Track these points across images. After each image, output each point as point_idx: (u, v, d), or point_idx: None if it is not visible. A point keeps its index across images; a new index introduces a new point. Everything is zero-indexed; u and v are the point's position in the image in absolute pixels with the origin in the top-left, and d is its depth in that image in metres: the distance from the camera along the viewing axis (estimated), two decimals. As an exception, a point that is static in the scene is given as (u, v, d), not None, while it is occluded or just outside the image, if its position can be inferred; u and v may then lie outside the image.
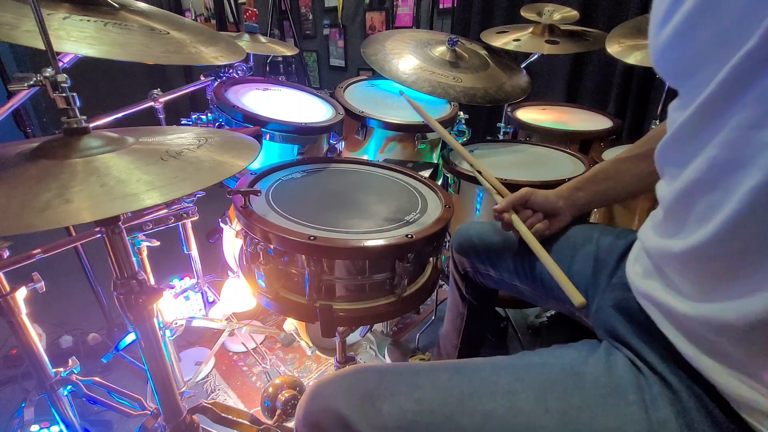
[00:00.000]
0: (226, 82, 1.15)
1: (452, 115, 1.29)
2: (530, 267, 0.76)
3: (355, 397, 0.49)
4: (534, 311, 1.57)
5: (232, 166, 0.53)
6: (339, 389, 0.51)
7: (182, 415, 0.76)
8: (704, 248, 0.40)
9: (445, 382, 0.50)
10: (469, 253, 0.87)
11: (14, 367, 1.32)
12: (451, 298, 1.02)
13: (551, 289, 0.69)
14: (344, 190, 0.89)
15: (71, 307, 1.57)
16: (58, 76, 0.49)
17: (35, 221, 0.37)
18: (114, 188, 0.43)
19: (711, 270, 0.41)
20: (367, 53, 1.25)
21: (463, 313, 0.98)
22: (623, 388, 0.47)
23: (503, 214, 0.75)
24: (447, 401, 0.48)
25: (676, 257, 0.45)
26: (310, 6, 3.21)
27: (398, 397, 0.49)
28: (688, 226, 0.43)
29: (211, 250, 1.49)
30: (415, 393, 0.49)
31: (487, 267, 0.84)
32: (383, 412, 0.47)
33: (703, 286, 0.43)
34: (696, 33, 0.37)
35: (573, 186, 0.77)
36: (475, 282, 0.91)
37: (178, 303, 1.30)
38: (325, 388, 0.52)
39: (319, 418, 0.50)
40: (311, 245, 0.65)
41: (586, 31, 1.42)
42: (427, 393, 0.49)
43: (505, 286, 0.85)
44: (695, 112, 0.39)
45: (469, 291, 0.94)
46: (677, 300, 0.46)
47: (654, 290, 0.50)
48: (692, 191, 0.41)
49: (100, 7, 0.67)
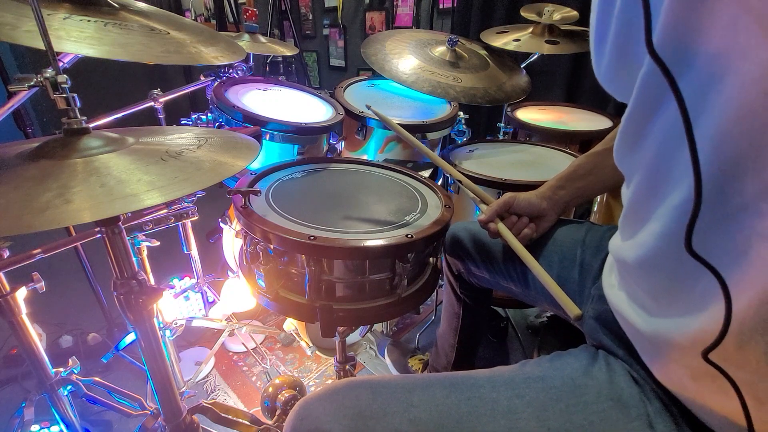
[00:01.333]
0: (226, 82, 1.15)
1: (452, 115, 1.29)
2: (522, 272, 0.76)
3: (347, 417, 0.46)
4: (534, 311, 1.57)
5: (232, 166, 0.53)
6: (329, 409, 0.48)
7: (182, 415, 0.76)
8: (648, 256, 0.40)
9: (441, 400, 0.48)
10: (461, 255, 0.87)
11: (15, 367, 1.32)
12: (447, 298, 1.02)
13: (545, 295, 0.68)
14: (344, 190, 0.89)
15: (71, 307, 1.57)
16: (58, 77, 0.49)
17: (36, 222, 0.37)
18: (114, 188, 0.43)
19: (658, 281, 0.41)
20: (367, 53, 1.25)
21: (458, 313, 0.98)
22: (625, 401, 0.46)
23: (489, 224, 0.73)
24: (443, 423, 0.46)
25: (631, 264, 0.44)
26: (310, 6, 3.21)
27: (392, 417, 0.46)
28: (638, 232, 0.42)
29: (211, 250, 1.49)
30: (410, 412, 0.47)
31: (480, 269, 0.84)
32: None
33: (657, 299, 0.42)
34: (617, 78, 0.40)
35: (554, 185, 0.76)
36: (468, 282, 0.91)
37: (178, 303, 1.30)
38: (314, 408, 0.49)
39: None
40: (311, 245, 0.65)
41: (586, 31, 1.42)
42: (423, 413, 0.47)
43: (499, 287, 0.85)
44: (625, 119, 0.40)
45: (463, 291, 0.95)
46: (636, 314, 0.45)
47: (621, 302, 0.49)
48: (637, 197, 0.41)
49: (100, 8, 0.67)
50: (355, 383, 0.52)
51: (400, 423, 0.46)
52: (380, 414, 0.46)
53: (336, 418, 0.46)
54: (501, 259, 0.79)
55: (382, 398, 0.48)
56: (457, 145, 1.31)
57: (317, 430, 0.46)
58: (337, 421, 0.46)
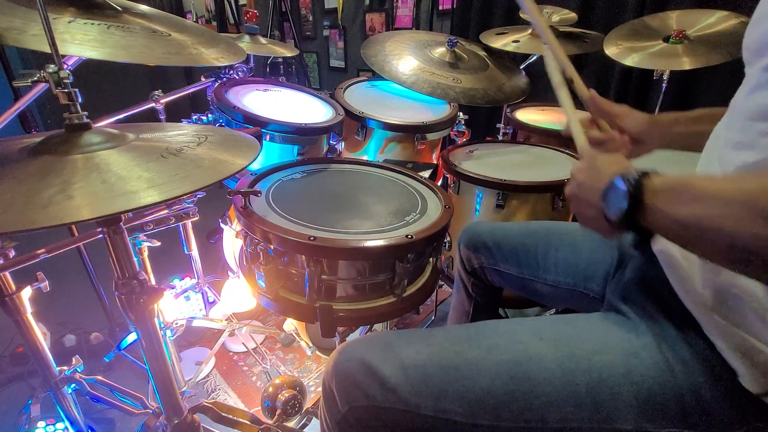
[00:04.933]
0: (226, 83, 1.16)
1: (452, 116, 1.29)
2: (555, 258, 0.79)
3: (377, 347, 0.57)
4: (534, 311, 1.57)
5: (232, 165, 0.53)
6: (362, 343, 0.59)
7: (183, 414, 0.77)
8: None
9: (453, 331, 0.60)
10: (479, 248, 0.87)
11: (21, 365, 1.33)
12: (457, 296, 1.02)
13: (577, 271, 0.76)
14: (344, 190, 0.90)
15: (74, 307, 1.58)
16: (60, 72, 0.49)
17: (38, 217, 0.38)
18: (115, 185, 0.44)
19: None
20: (367, 54, 1.26)
21: (468, 311, 0.98)
22: (611, 326, 0.56)
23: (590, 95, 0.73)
24: (456, 341, 0.56)
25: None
26: (310, 7, 3.22)
27: (414, 344, 0.56)
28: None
29: (212, 250, 1.50)
30: (428, 339, 0.57)
31: (498, 262, 0.85)
32: (402, 354, 0.55)
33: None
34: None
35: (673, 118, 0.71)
36: (482, 279, 0.92)
37: (179, 303, 1.31)
38: (350, 345, 0.59)
39: (346, 366, 0.56)
40: (311, 245, 0.66)
41: (585, 33, 1.43)
42: (439, 338, 0.58)
43: (514, 283, 0.86)
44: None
45: (475, 289, 0.95)
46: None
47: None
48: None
49: (103, 11, 0.68)
50: (383, 333, 0.65)
51: (421, 346, 0.56)
52: (404, 342, 0.57)
53: (368, 348, 0.57)
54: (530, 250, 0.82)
55: (405, 336, 0.59)
56: (457, 146, 1.31)
57: (353, 358, 0.56)
58: (369, 350, 0.56)
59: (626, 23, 1.36)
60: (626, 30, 1.32)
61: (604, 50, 1.29)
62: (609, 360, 0.51)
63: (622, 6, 1.64)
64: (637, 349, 0.52)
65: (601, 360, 0.51)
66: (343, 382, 0.55)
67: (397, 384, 0.52)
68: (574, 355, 0.52)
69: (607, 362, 0.51)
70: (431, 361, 0.54)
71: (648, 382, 0.50)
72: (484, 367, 0.53)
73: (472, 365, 0.53)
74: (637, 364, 0.51)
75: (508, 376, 0.52)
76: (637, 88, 1.67)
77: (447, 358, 0.54)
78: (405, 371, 0.53)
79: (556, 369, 0.52)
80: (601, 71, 1.76)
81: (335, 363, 0.58)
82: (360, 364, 0.55)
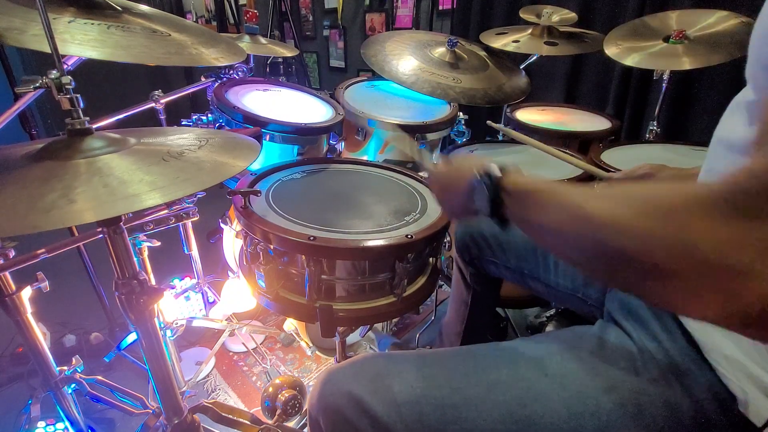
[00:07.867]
0: (226, 83, 1.16)
1: (452, 116, 1.29)
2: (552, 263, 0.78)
3: (366, 378, 0.53)
4: (533, 311, 1.57)
5: (232, 167, 0.54)
6: (350, 372, 0.55)
7: (183, 414, 0.77)
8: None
9: (449, 359, 0.55)
10: (477, 238, 0.88)
11: (21, 365, 1.33)
12: (455, 288, 1.02)
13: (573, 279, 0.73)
14: (344, 190, 0.90)
15: (74, 307, 1.57)
16: (62, 78, 0.50)
17: (41, 222, 0.38)
18: (117, 189, 0.44)
19: None
20: (367, 54, 1.26)
21: (467, 301, 0.99)
22: (617, 356, 0.52)
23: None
24: (453, 376, 0.52)
25: None
26: (310, 7, 3.22)
27: (406, 375, 0.52)
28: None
29: (212, 250, 1.50)
30: (422, 371, 0.53)
31: (496, 253, 0.85)
32: (393, 388, 0.51)
33: None
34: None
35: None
36: (481, 268, 0.92)
37: (179, 303, 1.31)
38: (336, 374, 0.56)
39: (333, 400, 0.53)
40: (311, 245, 0.66)
41: (585, 33, 1.43)
42: (434, 370, 0.53)
43: (513, 276, 0.86)
44: None
45: (473, 279, 0.95)
46: None
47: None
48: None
49: (103, 11, 0.68)
50: (373, 355, 0.59)
51: (414, 379, 0.52)
52: (395, 373, 0.53)
53: (356, 379, 0.53)
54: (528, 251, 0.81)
55: (395, 362, 0.55)
56: (457, 146, 1.31)
57: (340, 390, 0.52)
58: (357, 381, 0.53)
59: (626, 23, 1.36)
60: (626, 30, 1.32)
61: (604, 50, 1.28)
62: (618, 400, 0.48)
63: (622, 6, 1.64)
64: (645, 385, 0.48)
65: (610, 401, 0.48)
66: (332, 417, 0.52)
67: (391, 423, 0.49)
68: (581, 395, 0.49)
69: (617, 403, 0.48)
70: (426, 398, 0.50)
71: (659, 423, 0.47)
72: (485, 409, 0.49)
73: (471, 406, 0.49)
74: (647, 402, 0.48)
75: (512, 420, 0.48)
76: (637, 89, 1.67)
77: (444, 395, 0.50)
78: (398, 409, 0.50)
79: (563, 411, 0.48)
80: (601, 71, 1.76)
81: (321, 394, 0.54)
82: (349, 398, 0.51)
